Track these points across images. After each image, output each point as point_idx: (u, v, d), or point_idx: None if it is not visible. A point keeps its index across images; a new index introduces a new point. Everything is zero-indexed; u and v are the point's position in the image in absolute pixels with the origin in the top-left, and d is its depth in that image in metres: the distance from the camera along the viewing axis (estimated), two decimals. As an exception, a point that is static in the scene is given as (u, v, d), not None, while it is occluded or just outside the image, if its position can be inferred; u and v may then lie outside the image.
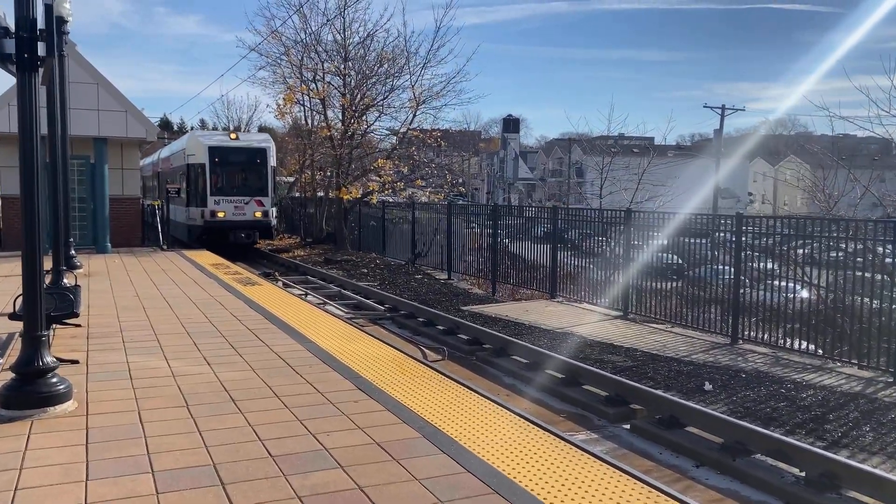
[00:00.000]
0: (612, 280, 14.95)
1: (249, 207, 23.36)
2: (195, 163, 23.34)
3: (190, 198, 23.73)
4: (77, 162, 18.24)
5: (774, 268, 12.46)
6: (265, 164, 23.84)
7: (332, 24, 25.64)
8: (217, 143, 23.47)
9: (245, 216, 23.22)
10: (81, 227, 18.51)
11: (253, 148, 23.91)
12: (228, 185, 23.58)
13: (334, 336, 8.28)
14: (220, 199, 22.95)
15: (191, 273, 14.41)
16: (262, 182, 23.90)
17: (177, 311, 9.79)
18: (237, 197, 23.29)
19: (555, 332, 12.40)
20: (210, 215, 22.80)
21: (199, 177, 23.23)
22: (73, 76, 17.47)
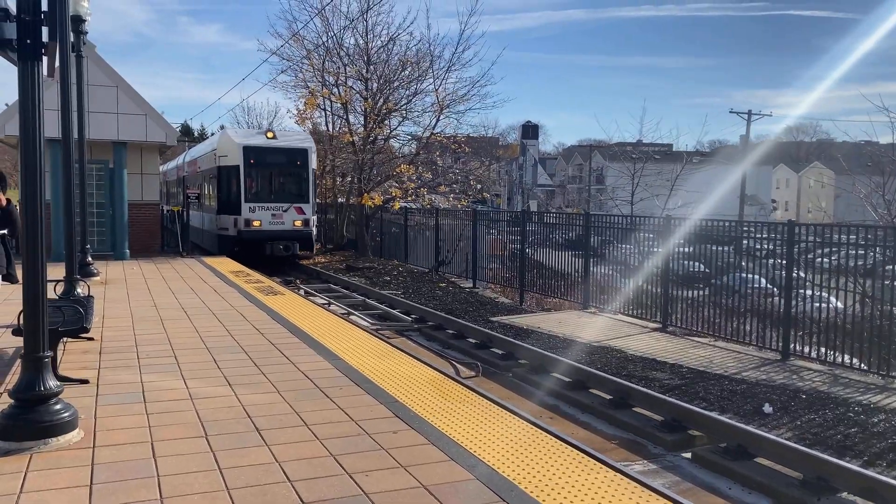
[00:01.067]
0: (649, 290, 14.25)
1: (288, 216, 20.79)
2: (227, 165, 20.84)
3: (221, 204, 21.14)
4: (95, 166, 17.83)
5: (826, 278, 11.69)
6: (306, 167, 21.27)
7: (354, 27, 25.18)
8: (253, 143, 20.87)
9: (283, 225, 20.72)
10: (100, 233, 18.10)
11: (293, 148, 21.26)
12: (265, 190, 21.12)
13: (363, 352, 7.66)
14: (255, 207, 20.44)
15: (210, 281, 13.89)
16: (302, 187, 21.29)
17: (196, 322, 9.23)
18: (275, 204, 20.74)
19: (592, 346, 11.71)
20: (244, 224, 20.30)
21: (231, 181, 20.76)
22: (93, 79, 17.08)
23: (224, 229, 20.95)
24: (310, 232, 21.29)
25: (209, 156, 22.70)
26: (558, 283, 16.38)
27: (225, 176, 21.01)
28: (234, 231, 20.47)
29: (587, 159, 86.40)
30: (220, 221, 21.24)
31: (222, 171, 21.07)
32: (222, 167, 21.04)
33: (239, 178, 20.43)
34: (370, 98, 24.91)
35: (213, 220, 21.96)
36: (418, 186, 25.35)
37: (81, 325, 6.02)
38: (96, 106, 17.16)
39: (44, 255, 4.71)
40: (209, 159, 22.58)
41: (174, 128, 18.45)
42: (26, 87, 4.52)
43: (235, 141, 20.91)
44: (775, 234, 11.63)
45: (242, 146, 20.51)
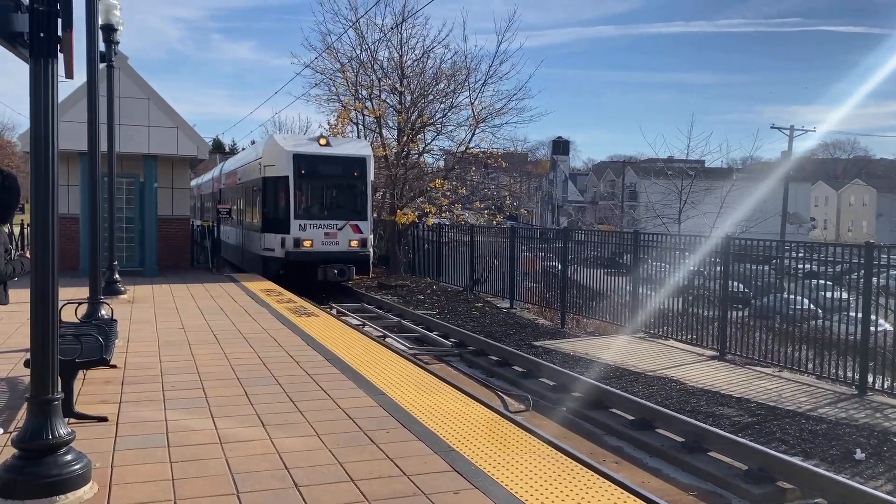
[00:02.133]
0: (703, 315, 13.36)
1: (343, 235, 18.20)
2: (275, 176, 18.27)
3: (266, 221, 18.51)
4: (126, 180, 17.46)
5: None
6: (364, 179, 18.65)
7: (388, 39, 24.73)
8: (304, 151, 18.21)
9: (338, 246, 18.14)
10: (128, 249, 17.69)
11: (350, 157, 18.73)
12: (317, 205, 18.64)
13: (405, 383, 6.94)
14: (306, 224, 17.82)
15: (241, 300, 13.30)
16: (359, 201, 18.76)
17: (226, 348, 8.59)
18: (328, 221, 18.16)
19: (648, 377, 10.87)
20: (293, 245, 17.72)
21: (279, 194, 18.16)
22: (124, 91, 16.75)
23: (269, 250, 18.27)
24: (367, 254, 18.60)
25: (252, 166, 20.14)
26: (602, 305, 15.53)
27: (271, 188, 18.41)
28: (280, 252, 17.83)
29: (620, 175, 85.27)
30: (264, 241, 18.56)
31: (268, 183, 18.49)
32: (268, 178, 18.47)
33: (288, 191, 17.84)
34: (404, 112, 24.38)
35: (256, 239, 19.36)
36: (452, 202, 24.69)
37: (101, 357, 5.40)
38: (127, 118, 16.79)
39: (55, 279, 4.07)
40: (252, 170, 20.05)
41: (206, 141, 18.04)
42: (38, 88, 3.91)
43: (285, 148, 18.13)
44: (851, 256, 10.69)
45: (292, 154, 17.89)
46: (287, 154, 18.04)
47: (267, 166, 18.51)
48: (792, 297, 11.80)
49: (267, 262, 18.43)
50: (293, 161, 17.93)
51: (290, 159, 17.96)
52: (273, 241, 18.20)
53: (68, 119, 16.27)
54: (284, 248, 17.74)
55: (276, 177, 18.24)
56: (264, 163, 18.66)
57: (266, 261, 18.48)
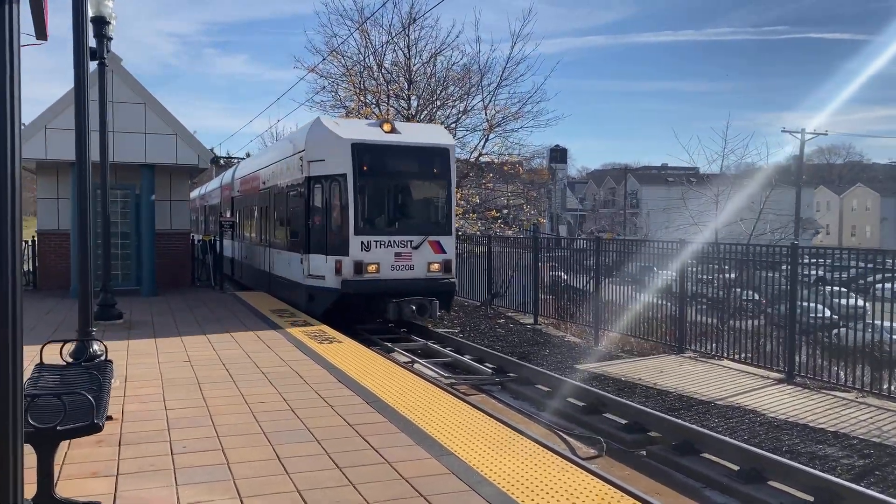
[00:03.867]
0: (761, 331, 12.08)
1: (420, 256, 13.35)
2: (326, 175, 13.43)
3: (312, 237, 13.67)
4: (120, 192, 16.10)
5: None
6: (446, 177, 13.95)
7: (395, 42, 23.46)
8: (369, 140, 13.34)
9: (413, 271, 13.28)
10: (124, 267, 16.30)
11: (428, 148, 13.85)
12: (386, 214, 13.85)
13: (467, 433, 5.60)
14: (371, 242, 12.99)
15: (250, 323, 11.93)
16: (441, 210, 14.10)
17: (243, 387, 7.22)
18: (401, 237, 13.31)
19: (718, 406, 9.53)
20: (354, 270, 12.86)
21: (332, 199, 13.39)
22: (118, 94, 15.41)
23: (316, 277, 13.40)
24: (452, 282, 13.93)
25: (287, 164, 15.41)
26: (639, 322, 14.22)
27: (320, 192, 13.58)
28: (334, 281, 12.98)
29: (620, 182, 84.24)
30: (309, 265, 13.61)
31: (315, 186, 13.65)
32: (316, 179, 13.61)
33: (346, 196, 12.99)
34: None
35: (294, 263, 14.39)
36: (465, 211, 23.38)
37: (91, 422, 4.03)
38: (121, 125, 15.44)
39: (20, 321, 2.72)
40: (287, 169, 15.34)
41: (207, 149, 16.69)
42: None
43: (341, 136, 13.21)
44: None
45: (352, 144, 13.04)
46: (345, 144, 13.01)
47: (313, 162, 13.58)
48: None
49: (314, 296, 13.40)
50: (354, 154, 12.98)
51: (349, 151, 12.95)
52: (323, 265, 13.25)
53: (56, 126, 14.96)
54: (341, 276, 12.84)
55: (329, 176, 13.32)
56: (308, 157, 13.67)
57: (312, 293, 13.46)
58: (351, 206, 12.97)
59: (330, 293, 13.12)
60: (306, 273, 13.67)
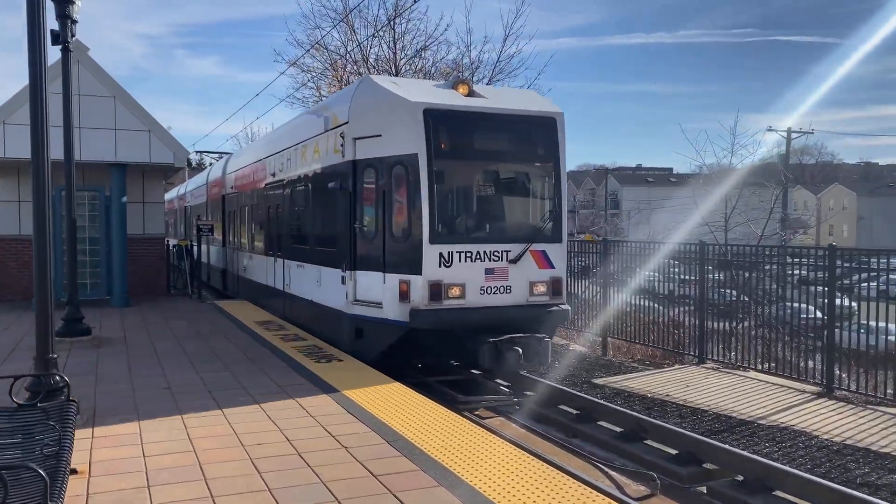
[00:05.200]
0: (792, 340, 11.20)
1: (521, 271, 9.39)
2: (384, 156, 9.41)
3: (363, 247, 9.68)
4: (88, 194, 14.78)
5: None
6: (553, 158, 9.87)
7: (380, 37, 22.31)
8: (447, 105, 9.32)
9: (510, 294, 9.30)
10: (93, 275, 14.97)
11: (531, 118, 9.79)
12: (472, 213, 9.95)
13: (501, 470, 4.53)
14: (452, 253, 9.04)
15: (235, 338, 10.74)
16: (546, 206, 9.97)
17: (236, 424, 6.07)
18: (492, 245, 9.30)
19: (762, 427, 8.59)
20: (430, 295, 8.91)
21: (393, 192, 9.37)
22: (84, 87, 14.13)
23: (369, 305, 9.45)
24: (565, 311, 9.84)
25: (317, 146, 11.17)
26: (649, 330, 13.28)
27: (374, 181, 9.57)
28: (397, 310, 9.04)
29: (600, 183, 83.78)
30: (356, 287, 9.65)
31: (365, 173, 9.62)
32: (366, 163, 9.56)
33: (417, 186, 8.94)
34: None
35: (332, 284, 10.33)
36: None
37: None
38: (89, 120, 14.15)
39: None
40: (316, 153, 11.21)
41: (183, 147, 15.43)
42: None
43: (408, 99, 9.12)
44: None
45: (425, 109, 9.01)
46: (414, 111, 8.96)
47: (362, 139, 9.56)
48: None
49: (365, 331, 9.51)
50: (428, 125, 8.95)
51: (420, 122, 8.91)
52: (379, 287, 9.30)
53: (15, 122, 13.56)
54: (409, 303, 8.90)
55: (388, 158, 9.26)
56: (354, 132, 9.65)
57: (361, 327, 9.55)
58: (424, 202, 8.78)
59: (390, 328, 9.03)
60: (351, 298, 9.63)
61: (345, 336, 9.88)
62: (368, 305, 9.47)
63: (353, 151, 9.67)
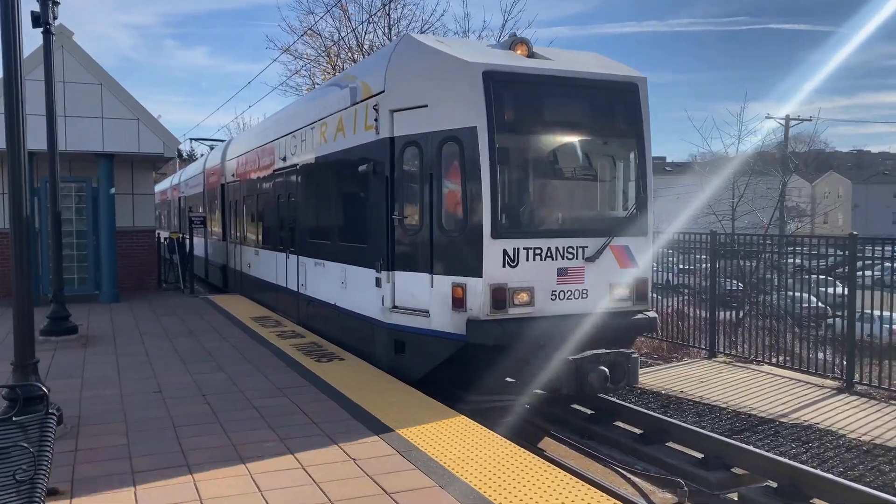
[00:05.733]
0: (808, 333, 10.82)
1: (599, 271, 7.72)
2: (432, 132, 7.67)
3: (405, 243, 8.04)
4: (75, 185, 14.23)
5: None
6: (636, 133, 8.16)
7: (375, 23, 21.74)
8: (510, 67, 7.57)
9: (586, 299, 7.64)
10: (80, 270, 14.44)
11: (609, 84, 8.06)
12: (539, 200, 8.18)
13: (517, 477, 4.10)
14: (518, 250, 7.30)
15: (229, 334, 10.27)
16: (628, 191, 8.32)
17: (232, 434, 5.60)
18: (564, 240, 7.57)
19: (784, 426, 8.18)
20: (493, 302, 7.22)
21: (444, 176, 7.65)
22: (70, 74, 13.57)
23: (411, 313, 7.88)
24: (652, 320, 8.17)
25: (340, 122, 9.58)
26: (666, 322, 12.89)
27: (417, 163, 7.91)
28: (449, 320, 7.43)
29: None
30: (395, 291, 8.10)
31: (406, 152, 8.02)
32: (407, 140, 7.96)
33: (476, 168, 7.25)
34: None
35: (362, 285, 8.78)
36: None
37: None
38: (74, 108, 13.60)
39: None
40: (340, 130, 9.61)
41: (173, 136, 14.89)
42: None
43: (463, 59, 7.47)
44: None
45: (485, 71, 7.34)
46: (471, 73, 7.33)
47: (403, 112, 7.97)
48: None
49: (407, 345, 7.93)
50: (489, 91, 7.32)
51: (479, 87, 7.29)
52: (425, 292, 7.69)
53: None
54: (465, 312, 7.30)
55: (436, 134, 7.60)
56: (393, 103, 8.03)
57: (402, 340, 7.97)
58: (485, 187, 7.12)
59: (441, 343, 7.43)
60: (388, 304, 8.04)
61: (380, 350, 8.26)
62: (411, 314, 7.78)
63: (390, 127, 8.00)
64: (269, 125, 14.13)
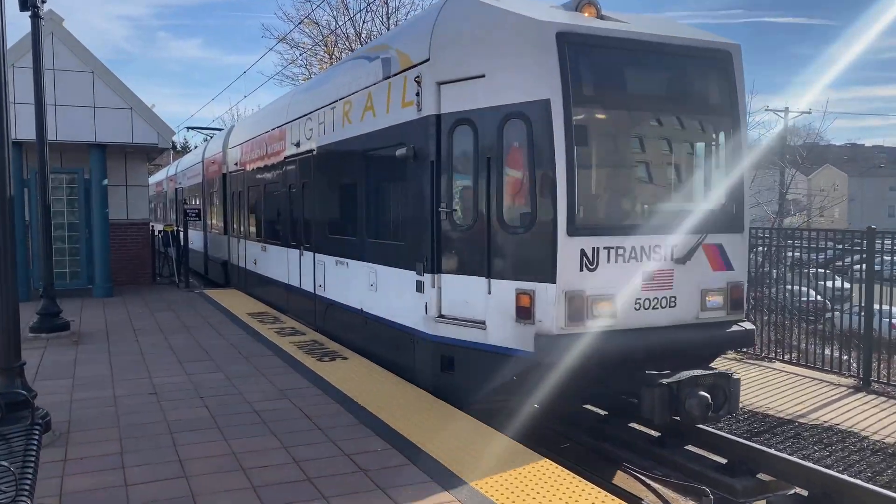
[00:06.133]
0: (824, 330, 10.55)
1: (690, 275, 6.42)
2: (490, 107, 6.36)
3: (454, 241, 6.79)
4: (66, 176, 13.84)
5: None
6: (731, 107, 6.83)
7: (374, 11, 21.34)
8: (588, 29, 6.23)
9: (674, 308, 6.34)
10: (72, 263, 14.05)
11: (700, 49, 6.69)
12: (622, 189, 6.78)
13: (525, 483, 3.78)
14: (597, 249, 6.02)
15: (227, 332, 9.93)
16: (723, 174, 6.87)
17: (232, 441, 5.28)
18: (650, 238, 6.25)
19: (805, 426, 7.90)
20: (570, 314, 5.91)
21: (505, 160, 6.32)
22: (60, 61, 13.17)
23: (463, 324, 6.62)
24: (749, 333, 6.91)
25: (370, 99, 8.35)
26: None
27: (472, 145, 6.59)
28: (512, 335, 6.20)
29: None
30: (442, 297, 6.88)
31: (458, 131, 6.70)
32: (458, 117, 6.67)
33: (549, 147, 5.93)
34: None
35: (399, 289, 7.59)
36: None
37: None
38: (65, 97, 13.21)
39: None
40: (369, 108, 8.36)
41: (168, 126, 14.48)
42: None
43: (531, 17, 6.19)
44: None
45: (558, 32, 6.03)
46: (543, 34, 6.08)
47: (451, 84, 6.75)
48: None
49: (460, 363, 6.74)
50: (563, 56, 6.02)
51: (553, 49, 6.01)
52: (482, 300, 6.48)
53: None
54: (535, 325, 6.04)
55: (499, 109, 6.33)
56: (440, 74, 6.82)
57: (454, 356, 6.78)
58: (560, 173, 5.87)
59: (502, 361, 6.23)
60: (433, 312, 6.84)
61: (422, 366, 7.08)
62: (462, 325, 6.57)
63: (435, 102, 6.76)
64: (279, 107, 12.73)
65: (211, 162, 17.57)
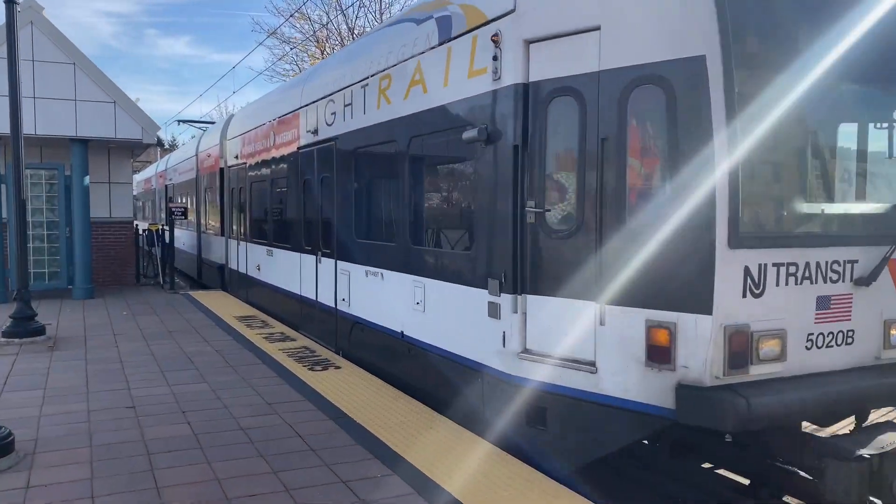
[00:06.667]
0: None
1: (872, 300, 4.74)
2: (612, 70, 4.53)
3: (537, 251, 5.04)
4: (45, 172, 13.24)
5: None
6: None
7: (366, 6, 20.84)
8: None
9: (852, 344, 4.70)
10: (51, 263, 13.46)
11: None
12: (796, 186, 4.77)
13: None
14: (763, 263, 4.32)
15: (212, 337, 9.41)
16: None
17: (216, 461, 4.78)
18: (828, 249, 4.56)
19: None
20: (731, 357, 4.24)
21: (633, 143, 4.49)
22: (39, 52, 12.61)
23: (556, 362, 4.88)
24: None
25: (426, 66, 6.43)
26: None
27: (578, 122, 4.76)
28: (638, 384, 4.44)
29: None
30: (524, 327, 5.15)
31: (556, 104, 4.91)
32: (557, 85, 4.88)
33: (706, 124, 4.13)
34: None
35: (448, 313, 6.09)
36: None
37: None
38: (46, 89, 12.64)
39: None
40: (426, 77, 6.43)
41: (153, 121, 13.89)
42: None
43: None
44: None
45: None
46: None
47: (546, 42, 4.98)
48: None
49: (554, 415, 4.94)
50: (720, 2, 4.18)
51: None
52: (589, 333, 4.73)
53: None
54: (675, 370, 4.30)
55: (623, 72, 4.51)
56: (530, 30, 5.06)
57: (548, 406, 4.97)
58: (720, 161, 4.17)
59: (622, 419, 4.59)
60: (515, 345, 5.20)
61: (497, 416, 5.36)
62: (560, 365, 4.88)
63: (523, 67, 5.08)
64: (291, 90, 10.98)
65: (206, 155, 16.01)
